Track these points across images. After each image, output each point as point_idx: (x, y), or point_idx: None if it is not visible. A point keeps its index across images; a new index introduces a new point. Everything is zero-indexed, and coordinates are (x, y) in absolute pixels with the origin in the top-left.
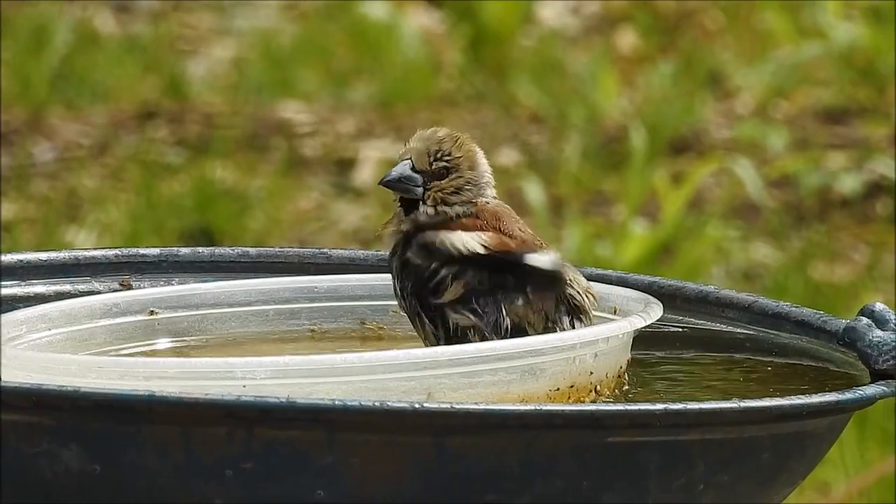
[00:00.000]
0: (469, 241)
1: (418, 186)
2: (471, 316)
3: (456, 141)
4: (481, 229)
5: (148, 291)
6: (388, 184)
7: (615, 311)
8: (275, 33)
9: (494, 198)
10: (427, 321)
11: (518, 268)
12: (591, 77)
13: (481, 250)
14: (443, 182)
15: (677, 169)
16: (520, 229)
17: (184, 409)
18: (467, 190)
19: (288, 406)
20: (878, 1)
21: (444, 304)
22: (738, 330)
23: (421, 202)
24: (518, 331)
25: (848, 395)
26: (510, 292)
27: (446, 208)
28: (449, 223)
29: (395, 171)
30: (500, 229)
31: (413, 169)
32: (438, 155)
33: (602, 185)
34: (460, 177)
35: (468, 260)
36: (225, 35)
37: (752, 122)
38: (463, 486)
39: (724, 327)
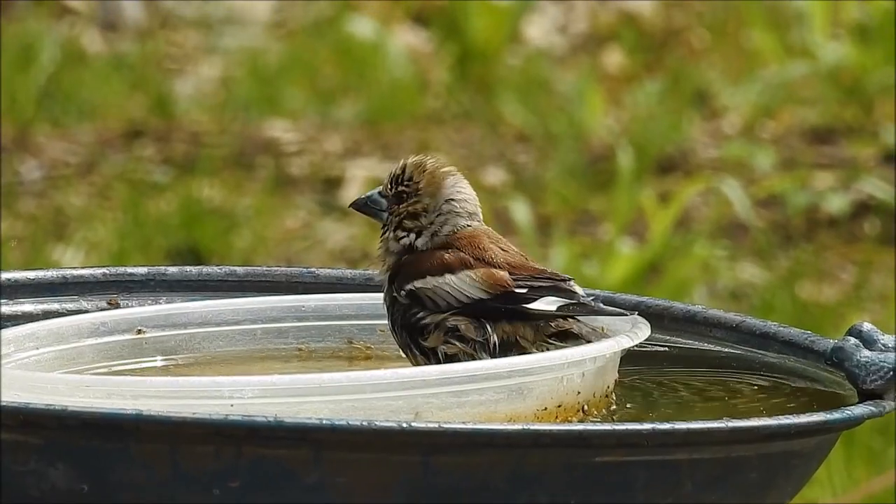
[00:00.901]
0: (467, 288)
1: (383, 211)
2: (457, 343)
3: (419, 166)
4: (463, 263)
5: (136, 310)
6: (354, 206)
7: (602, 331)
8: (262, 52)
9: (477, 223)
10: (418, 352)
11: (518, 311)
12: (578, 96)
13: (483, 295)
14: (399, 207)
15: (664, 188)
16: (502, 249)
17: (171, 428)
18: (424, 217)
19: (276, 425)
20: (864, 21)
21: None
22: (726, 349)
23: (384, 226)
24: (509, 345)
25: (836, 415)
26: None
27: (402, 234)
28: (428, 256)
29: (364, 195)
30: (482, 258)
31: (381, 194)
32: (399, 180)
33: (589, 204)
34: (417, 202)
35: (465, 305)
36: (212, 53)
37: (739, 141)
38: (450, 502)
39: (711, 347)
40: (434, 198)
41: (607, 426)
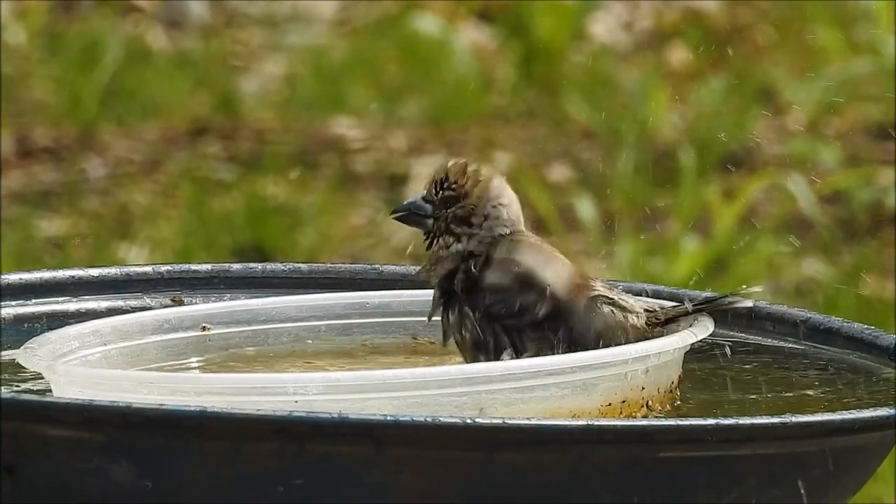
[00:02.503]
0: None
1: (428, 217)
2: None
3: (462, 169)
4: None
5: (199, 307)
6: (396, 216)
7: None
8: (326, 49)
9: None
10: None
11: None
12: (643, 93)
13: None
14: (447, 211)
15: (729, 185)
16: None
17: (235, 425)
18: (474, 220)
19: (340, 421)
20: None
21: (525, 326)
22: (790, 345)
23: (431, 234)
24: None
25: None
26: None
27: (451, 239)
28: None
29: (406, 203)
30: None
31: (424, 199)
32: (444, 184)
33: (654, 201)
34: (463, 206)
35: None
36: (276, 51)
37: (803, 137)
38: (513, 501)
39: (775, 342)
40: (481, 200)
41: (671, 422)
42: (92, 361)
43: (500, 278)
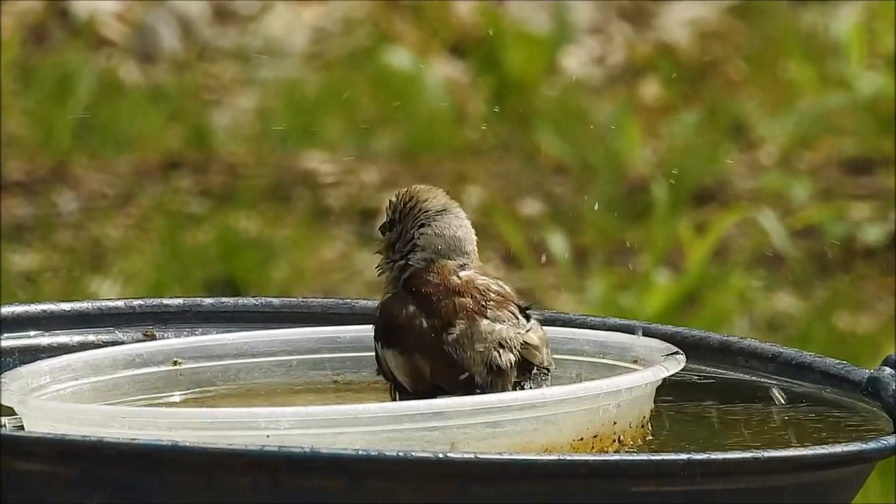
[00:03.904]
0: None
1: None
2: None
3: (403, 194)
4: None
5: (171, 342)
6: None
7: (636, 362)
8: (299, 83)
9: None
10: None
11: None
12: (615, 127)
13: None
14: (382, 238)
15: (701, 219)
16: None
17: (208, 459)
18: (397, 246)
19: (311, 456)
20: None
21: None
22: (762, 380)
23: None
24: None
25: (871, 445)
26: None
27: (381, 268)
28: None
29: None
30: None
31: (380, 227)
32: (387, 210)
33: (626, 235)
34: (393, 232)
35: None
36: (249, 85)
37: (775, 172)
38: None
39: (747, 377)
40: (405, 225)
41: (644, 457)
42: (64, 396)
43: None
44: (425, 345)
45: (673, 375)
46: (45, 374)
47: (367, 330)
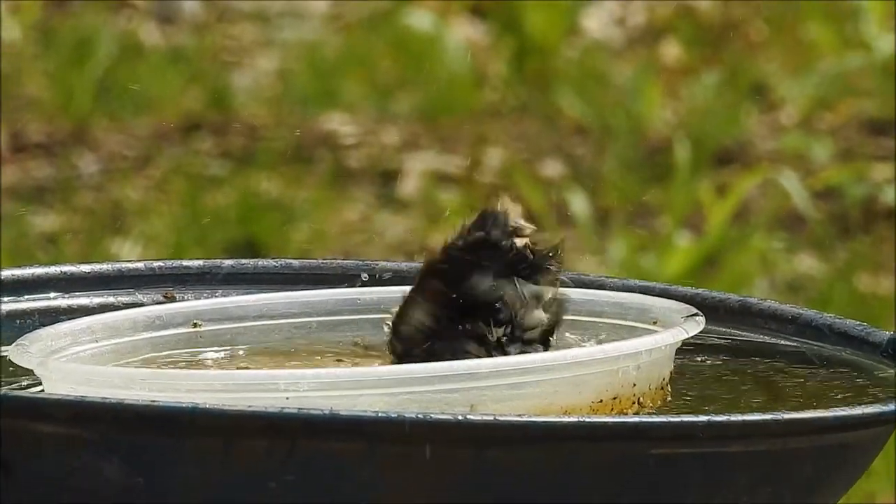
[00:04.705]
0: None
1: None
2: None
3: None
4: None
5: (191, 304)
6: None
7: (655, 323)
8: (319, 45)
9: None
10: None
11: None
12: (635, 88)
13: None
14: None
15: (722, 181)
16: None
17: (227, 421)
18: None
19: (330, 418)
20: None
21: None
22: (782, 341)
23: None
24: None
25: (891, 407)
26: None
27: None
28: None
29: None
30: None
31: None
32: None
33: (646, 197)
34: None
35: None
36: (269, 46)
37: (796, 133)
38: (504, 498)
39: (767, 339)
40: None
41: (663, 419)
42: (83, 358)
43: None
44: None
45: (692, 337)
46: (65, 336)
47: (389, 291)
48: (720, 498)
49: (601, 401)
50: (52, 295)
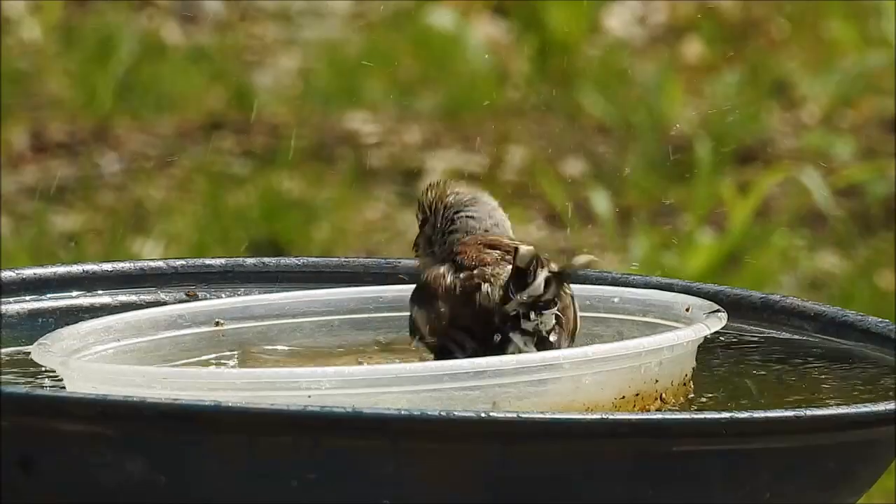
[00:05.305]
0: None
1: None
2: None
3: (428, 192)
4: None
5: (213, 302)
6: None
7: (678, 320)
8: (341, 43)
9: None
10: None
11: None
12: (657, 86)
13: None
14: (417, 237)
15: (744, 178)
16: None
17: (249, 419)
18: (434, 238)
19: (353, 416)
20: None
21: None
22: (804, 338)
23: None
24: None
25: None
26: None
27: (425, 255)
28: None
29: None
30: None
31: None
32: (417, 213)
33: (668, 195)
34: (429, 227)
35: None
36: (291, 45)
37: (818, 131)
38: (526, 495)
39: (789, 336)
40: (438, 217)
41: (686, 415)
42: (105, 357)
43: None
44: (446, 288)
45: (715, 334)
46: (87, 335)
47: (410, 290)
48: (743, 494)
49: (623, 397)
50: (74, 293)
